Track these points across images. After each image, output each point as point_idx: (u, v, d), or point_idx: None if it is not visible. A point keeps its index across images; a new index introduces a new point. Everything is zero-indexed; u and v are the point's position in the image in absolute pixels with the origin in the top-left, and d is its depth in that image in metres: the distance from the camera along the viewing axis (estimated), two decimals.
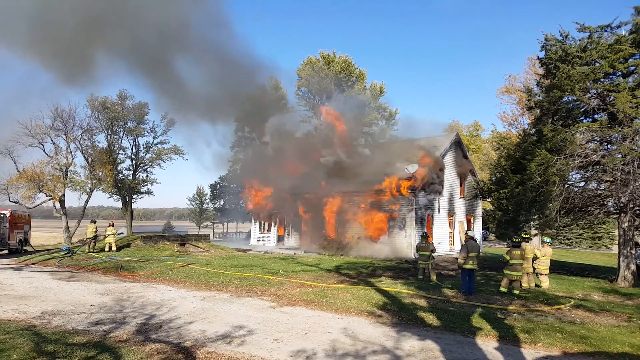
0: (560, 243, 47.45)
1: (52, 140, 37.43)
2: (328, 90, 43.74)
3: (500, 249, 35.99)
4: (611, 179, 14.59)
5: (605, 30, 14.65)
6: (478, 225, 31.47)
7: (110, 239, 22.60)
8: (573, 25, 14.98)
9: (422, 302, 10.73)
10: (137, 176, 46.04)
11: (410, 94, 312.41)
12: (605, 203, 15.39)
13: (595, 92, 14.85)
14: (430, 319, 9.17)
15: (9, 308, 9.91)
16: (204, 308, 10.14)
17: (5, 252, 24.44)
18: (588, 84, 14.34)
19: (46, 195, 36.87)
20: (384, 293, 11.77)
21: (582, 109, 15.20)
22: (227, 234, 58.34)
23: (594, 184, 15.74)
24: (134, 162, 45.79)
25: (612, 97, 13.92)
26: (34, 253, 24.28)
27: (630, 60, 14.08)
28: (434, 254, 14.88)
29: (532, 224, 16.06)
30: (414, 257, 21.40)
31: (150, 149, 46.28)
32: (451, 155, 28.26)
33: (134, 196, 46.66)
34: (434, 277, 14.40)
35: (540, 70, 17.75)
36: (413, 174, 24.11)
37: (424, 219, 25.19)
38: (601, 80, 14.46)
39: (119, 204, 47.28)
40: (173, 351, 6.84)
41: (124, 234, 23.98)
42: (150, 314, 9.49)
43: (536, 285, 13.41)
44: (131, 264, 17.60)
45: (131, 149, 45.65)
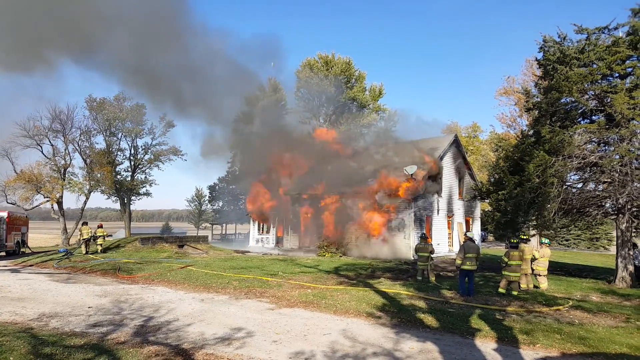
0: (559, 244, 47.49)
1: (50, 142, 37.47)
2: (327, 92, 43.76)
3: (499, 250, 36.00)
4: (609, 180, 14.62)
5: (603, 32, 14.69)
6: (477, 227, 31.50)
7: (99, 241, 22.63)
8: (571, 27, 15.01)
9: (421, 304, 10.73)
10: (136, 177, 46.02)
11: (408, 95, 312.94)
12: (603, 204, 15.41)
13: (593, 94, 14.88)
14: (429, 320, 9.17)
15: (6, 310, 9.87)
16: (203, 310, 10.12)
17: (3, 254, 24.38)
18: (586, 86, 14.38)
19: (44, 197, 36.83)
20: (383, 294, 11.76)
21: (580, 111, 15.24)
22: (226, 236, 58.23)
23: (592, 185, 15.77)
24: (132, 164, 45.78)
25: (610, 99, 13.94)
26: (32, 255, 24.24)
27: (627, 61, 14.12)
28: (433, 255, 14.88)
29: (531, 225, 16.06)
30: (413, 259, 21.40)
31: (149, 150, 46.29)
32: (450, 157, 28.30)
33: (133, 197, 46.64)
34: (433, 278, 14.40)
35: (538, 72, 17.80)
36: (412, 175, 24.14)
37: (423, 220, 25.20)
38: (599, 81, 14.49)
39: (118, 206, 47.30)
40: (171, 353, 6.82)
41: (111, 236, 23.99)
42: (149, 315, 9.47)
43: (535, 286, 13.42)
44: (129, 266, 17.56)
45: (129, 150, 45.70)
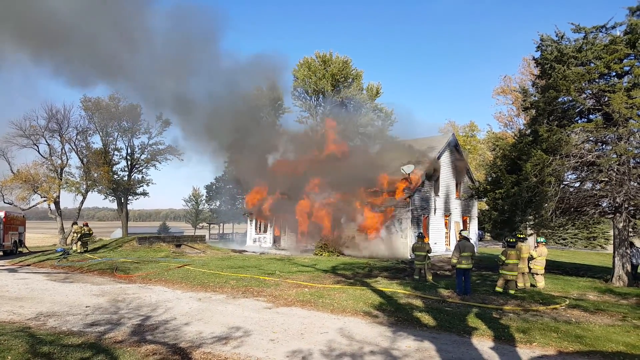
0: (556, 243, 47.61)
1: (47, 141, 37.30)
2: (325, 91, 43.75)
3: (496, 249, 36.10)
4: (606, 179, 14.66)
5: (600, 31, 14.73)
6: (474, 226, 31.54)
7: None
8: (568, 25, 15.04)
9: (418, 302, 10.75)
10: (133, 177, 45.93)
11: (406, 94, 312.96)
12: (600, 203, 15.46)
13: (590, 93, 14.92)
14: (426, 319, 9.18)
15: (3, 310, 9.84)
16: (200, 309, 10.11)
17: (0, 254, 24.28)
18: (583, 85, 14.41)
19: (41, 197, 36.68)
20: (380, 293, 11.77)
21: (578, 110, 15.28)
22: (223, 235, 58.22)
23: (589, 184, 15.80)
24: (129, 163, 45.69)
25: (607, 98, 13.98)
26: (29, 254, 24.15)
27: (625, 60, 14.15)
28: (430, 254, 14.90)
29: (528, 224, 16.09)
30: (410, 258, 21.43)
31: (146, 150, 46.20)
32: (447, 156, 28.33)
33: (130, 197, 46.54)
34: (430, 277, 14.42)
35: (536, 71, 17.84)
36: (409, 174, 24.16)
37: (420, 220, 25.23)
38: (596, 80, 14.53)
39: (115, 205, 47.19)
40: (169, 352, 6.81)
41: (93, 233, 24.12)
42: (146, 315, 9.45)
43: (532, 285, 13.45)
44: (127, 265, 17.53)
45: (126, 150, 45.60)
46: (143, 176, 47.22)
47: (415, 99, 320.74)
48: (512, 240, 12.79)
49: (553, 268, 18.97)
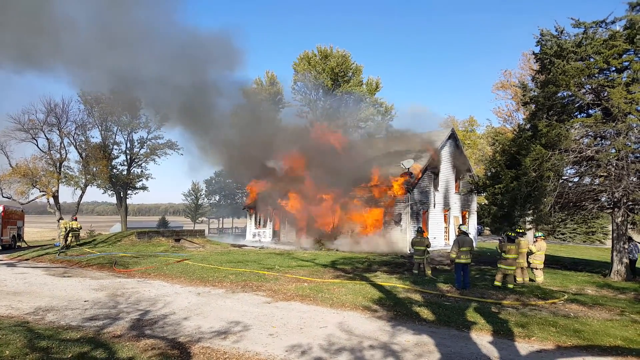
0: (555, 238, 47.75)
1: (46, 135, 37.13)
2: (324, 85, 43.60)
3: (495, 243, 36.15)
4: (605, 174, 14.65)
5: (600, 26, 14.67)
6: (473, 220, 31.58)
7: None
8: (568, 20, 14.97)
9: (417, 297, 10.77)
10: (132, 171, 45.85)
11: (405, 88, 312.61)
12: (599, 198, 15.46)
13: (590, 88, 14.89)
14: (425, 313, 9.20)
15: (1, 304, 9.84)
16: (199, 303, 10.12)
17: None
18: (583, 80, 14.37)
19: (40, 191, 36.59)
20: (380, 288, 11.79)
21: (577, 105, 15.25)
22: (223, 230, 58.27)
23: (588, 179, 15.81)
24: (128, 157, 45.57)
25: (607, 93, 13.95)
26: (28, 249, 24.16)
27: (624, 55, 14.10)
28: (429, 249, 14.92)
29: (527, 219, 16.11)
30: (409, 252, 21.46)
31: (145, 144, 46.07)
32: (447, 151, 28.32)
33: (129, 191, 46.48)
34: (429, 272, 14.45)
35: (535, 66, 17.75)
36: (408, 169, 24.15)
37: (420, 214, 25.25)
38: (596, 75, 14.50)
39: (114, 200, 47.11)
40: (168, 347, 6.82)
41: (81, 227, 23.90)
42: (145, 309, 9.46)
43: (530, 279, 13.49)
44: (126, 260, 17.54)
45: (125, 144, 45.46)
46: (142, 170, 47.17)
47: (414, 93, 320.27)
48: (512, 234, 12.82)
49: (552, 263, 19.02)
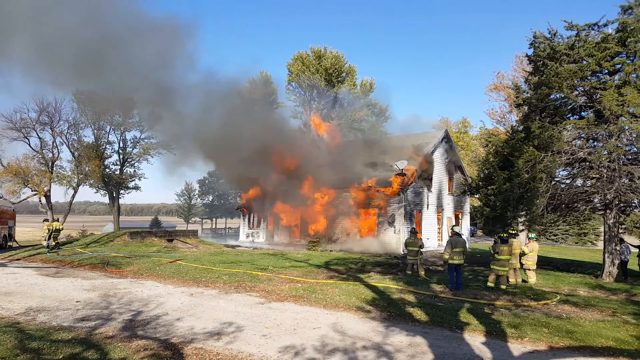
0: (547, 239, 48.05)
1: (38, 134, 36.93)
2: (318, 86, 43.59)
3: (488, 244, 36.31)
4: (597, 175, 14.78)
5: (593, 29, 14.79)
6: (466, 221, 31.71)
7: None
8: (561, 23, 15.16)
9: (411, 298, 10.79)
10: (125, 171, 45.59)
11: (401, 89, 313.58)
12: (591, 200, 15.59)
13: (582, 90, 15.00)
14: (419, 314, 9.21)
15: None
16: (192, 304, 10.07)
17: None
18: (575, 82, 14.49)
19: (31, 190, 36.36)
20: (373, 288, 11.80)
21: (570, 107, 15.36)
22: (216, 230, 58.07)
23: (580, 181, 15.93)
24: (121, 157, 45.33)
25: (599, 95, 14.06)
26: (19, 249, 23.91)
27: (616, 58, 14.21)
28: (422, 250, 14.97)
29: (520, 220, 16.20)
30: (402, 253, 21.50)
31: (138, 144, 45.84)
32: (440, 152, 28.42)
33: (121, 191, 46.22)
34: (422, 273, 14.49)
35: (529, 68, 17.87)
36: (402, 170, 24.20)
37: (413, 215, 25.31)
38: (588, 78, 14.62)
39: (106, 199, 46.83)
40: (160, 347, 6.77)
41: (62, 229, 23.50)
42: (137, 310, 9.40)
43: (523, 280, 13.57)
44: (118, 260, 17.42)
45: (118, 144, 45.22)
46: (135, 170, 46.94)
47: (407, 94, 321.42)
48: (505, 235, 12.88)
49: (544, 264, 19.13)
